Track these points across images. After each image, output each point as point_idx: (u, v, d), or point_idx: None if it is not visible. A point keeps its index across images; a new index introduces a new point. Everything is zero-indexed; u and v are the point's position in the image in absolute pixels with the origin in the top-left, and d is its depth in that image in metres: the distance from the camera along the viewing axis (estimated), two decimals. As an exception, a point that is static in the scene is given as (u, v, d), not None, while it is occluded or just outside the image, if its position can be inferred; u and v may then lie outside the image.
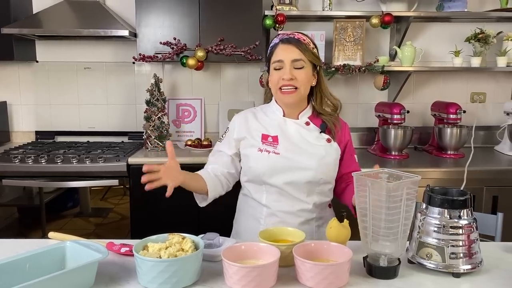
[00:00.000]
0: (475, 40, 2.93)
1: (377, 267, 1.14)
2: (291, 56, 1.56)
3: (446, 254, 1.13)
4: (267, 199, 1.62)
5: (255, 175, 1.61)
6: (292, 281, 1.13)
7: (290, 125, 1.65)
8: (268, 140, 1.62)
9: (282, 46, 1.59)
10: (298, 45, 1.57)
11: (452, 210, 1.15)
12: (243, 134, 1.66)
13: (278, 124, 1.66)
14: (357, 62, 2.91)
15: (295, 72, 1.56)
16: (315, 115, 1.69)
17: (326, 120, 1.66)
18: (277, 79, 1.59)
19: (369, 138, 3.14)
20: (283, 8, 2.84)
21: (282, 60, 1.57)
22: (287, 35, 1.62)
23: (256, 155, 1.61)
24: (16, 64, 3.13)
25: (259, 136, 1.63)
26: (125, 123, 3.19)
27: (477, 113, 3.14)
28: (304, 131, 1.64)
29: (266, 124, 1.67)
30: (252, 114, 1.72)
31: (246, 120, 1.69)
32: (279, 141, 1.61)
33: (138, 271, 1.09)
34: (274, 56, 1.61)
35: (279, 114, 1.67)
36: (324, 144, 1.63)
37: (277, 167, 1.58)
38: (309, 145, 1.62)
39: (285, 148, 1.60)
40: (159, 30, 2.81)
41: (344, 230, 1.24)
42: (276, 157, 1.58)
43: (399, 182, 1.10)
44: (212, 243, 1.27)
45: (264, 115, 1.70)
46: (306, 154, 1.59)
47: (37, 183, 2.62)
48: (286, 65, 1.57)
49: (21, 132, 3.21)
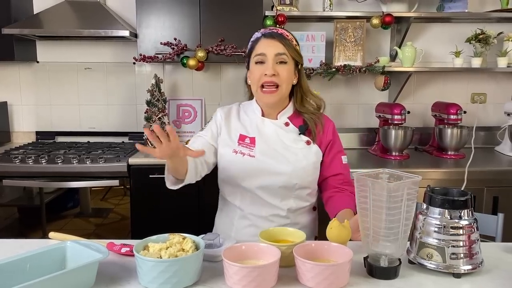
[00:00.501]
0: (475, 41, 2.93)
1: (377, 268, 1.14)
2: (274, 50, 1.50)
3: (447, 254, 1.13)
4: (241, 201, 1.58)
5: (228, 177, 1.57)
6: (293, 281, 1.12)
7: (268, 126, 1.59)
8: (245, 141, 1.57)
9: (264, 40, 1.53)
10: (281, 40, 1.52)
11: (452, 211, 1.15)
12: (223, 130, 1.60)
13: (256, 124, 1.60)
14: (357, 63, 2.91)
15: (278, 68, 1.50)
16: (297, 114, 1.62)
17: (307, 119, 1.59)
18: (258, 75, 1.51)
19: (370, 138, 3.14)
20: (283, 9, 2.84)
21: (265, 54, 1.50)
22: (270, 30, 1.57)
23: (230, 156, 1.56)
24: (16, 65, 3.14)
25: (237, 136, 1.58)
26: (125, 124, 3.19)
27: (477, 113, 3.14)
28: (282, 132, 1.58)
29: (246, 123, 1.62)
30: (236, 111, 1.67)
31: (229, 116, 1.64)
32: (256, 143, 1.56)
33: (138, 271, 1.09)
34: (255, 50, 1.54)
35: (258, 113, 1.62)
36: (303, 147, 1.56)
37: (250, 171, 1.53)
38: (285, 148, 1.55)
39: (261, 151, 1.54)
40: (159, 30, 2.81)
41: (345, 230, 1.23)
42: (251, 160, 1.53)
43: (399, 183, 1.10)
44: (212, 243, 1.27)
45: (245, 114, 1.65)
46: (282, 157, 1.53)
47: (37, 183, 2.62)
48: (269, 59, 1.50)
49: (21, 132, 3.21)
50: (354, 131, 3.18)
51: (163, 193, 2.61)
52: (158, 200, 2.65)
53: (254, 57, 1.54)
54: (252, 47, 1.57)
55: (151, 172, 2.63)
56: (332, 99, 3.17)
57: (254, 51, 1.55)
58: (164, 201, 2.62)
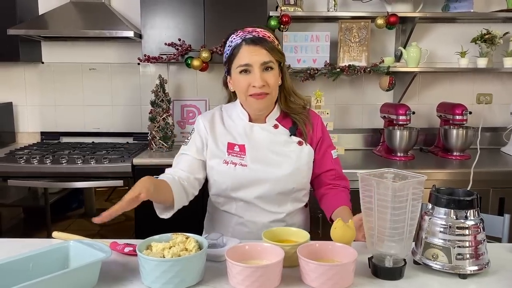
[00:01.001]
0: (481, 41, 2.91)
1: (382, 268, 1.13)
2: (260, 59, 1.40)
3: (453, 255, 1.12)
4: (236, 210, 1.52)
5: (221, 190, 1.50)
6: (297, 281, 1.12)
7: (257, 131, 1.52)
8: (234, 149, 1.49)
9: (247, 47, 1.40)
10: (265, 45, 1.41)
11: (458, 211, 1.13)
12: (209, 140, 1.51)
13: (244, 130, 1.52)
14: (362, 63, 2.90)
15: (265, 76, 1.41)
16: (284, 115, 1.55)
17: (296, 120, 1.53)
18: (246, 85, 1.42)
19: (374, 139, 3.13)
20: (288, 9, 2.83)
21: (251, 64, 1.40)
22: (250, 33, 1.42)
23: (221, 167, 1.48)
24: (21, 65, 3.15)
25: (225, 145, 1.50)
26: (130, 124, 3.20)
27: (483, 114, 3.12)
28: (272, 136, 1.51)
29: (232, 130, 1.53)
30: (219, 116, 1.57)
31: (213, 124, 1.54)
32: (246, 151, 1.48)
33: (141, 270, 1.09)
34: (238, 59, 1.42)
35: (245, 119, 1.53)
36: (295, 149, 1.51)
37: (244, 182, 1.46)
38: (278, 152, 1.49)
39: (253, 158, 1.47)
40: (164, 31, 2.82)
41: (349, 230, 1.22)
42: (243, 170, 1.46)
43: (404, 182, 1.09)
44: (215, 243, 1.26)
45: (229, 119, 1.56)
46: (275, 163, 1.48)
47: (42, 183, 2.63)
48: (255, 69, 1.40)
49: (26, 133, 3.23)
50: (359, 132, 3.16)
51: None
52: (162, 201, 2.64)
53: (238, 67, 1.42)
54: (232, 54, 1.43)
55: (156, 172, 2.58)
56: (337, 100, 3.16)
57: (236, 60, 1.42)
58: (168, 201, 2.61)
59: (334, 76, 2.87)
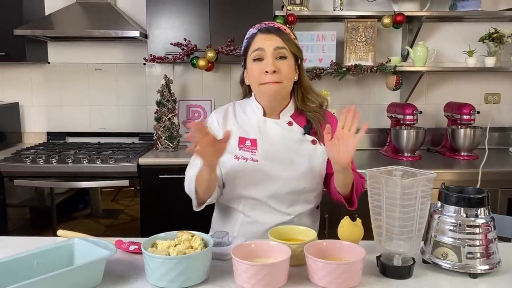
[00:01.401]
0: (489, 40, 2.88)
1: (391, 267, 1.11)
2: (273, 44, 1.40)
3: (463, 253, 1.09)
4: (244, 207, 1.48)
5: (231, 185, 1.48)
6: (303, 280, 1.10)
7: (270, 126, 1.49)
8: (245, 144, 1.46)
9: (261, 35, 1.42)
10: (279, 34, 1.42)
11: (468, 209, 1.11)
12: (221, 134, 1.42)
13: (257, 125, 1.49)
14: (368, 62, 2.88)
15: (278, 63, 1.40)
16: (299, 113, 1.52)
17: (310, 118, 1.50)
18: (258, 72, 1.41)
19: (381, 139, 3.11)
20: (293, 8, 2.82)
21: (263, 49, 1.40)
22: (266, 24, 1.46)
23: (231, 163, 1.45)
24: (28, 66, 3.16)
25: (236, 140, 1.47)
26: (135, 124, 3.20)
27: (491, 114, 3.08)
28: (286, 133, 1.48)
29: (244, 124, 1.51)
30: (232, 111, 1.55)
31: (226, 119, 1.53)
32: (258, 146, 1.46)
33: (146, 268, 1.08)
34: (252, 45, 1.43)
35: (259, 113, 1.50)
36: (308, 148, 1.47)
37: (255, 179, 1.44)
38: (291, 150, 1.46)
39: (264, 154, 1.44)
40: (169, 31, 2.81)
41: (357, 229, 1.21)
42: (254, 165, 1.44)
43: (414, 179, 1.07)
44: (221, 242, 1.25)
45: (243, 114, 1.54)
46: (288, 161, 1.45)
47: (48, 183, 2.63)
48: (268, 54, 1.39)
49: (32, 133, 3.23)
50: (365, 132, 3.12)
51: (173, 193, 2.62)
52: (168, 200, 2.64)
53: (252, 54, 1.42)
54: (248, 44, 1.46)
55: (161, 172, 2.63)
56: (343, 100, 3.14)
57: (250, 48, 1.44)
58: (174, 201, 2.60)
59: (340, 75, 2.85)
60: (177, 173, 2.59)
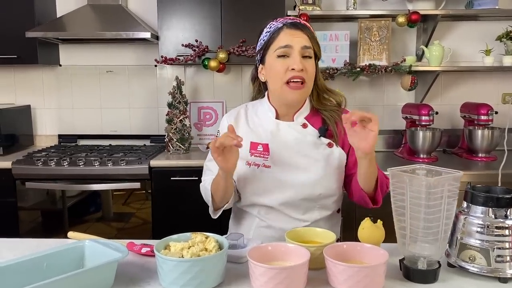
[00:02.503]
0: (507, 39, 2.82)
1: (415, 270, 1.05)
2: (301, 42, 1.33)
3: (492, 257, 1.04)
4: (259, 213, 1.43)
5: (244, 192, 1.42)
6: (323, 284, 1.05)
7: (283, 130, 1.41)
8: (257, 149, 1.40)
9: (288, 30, 1.34)
10: (306, 31, 1.35)
11: (497, 209, 1.06)
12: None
13: (270, 128, 1.42)
14: (383, 62, 2.82)
15: (304, 63, 1.33)
16: (314, 113, 1.45)
17: (326, 118, 1.42)
18: (283, 69, 1.33)
19: (396, 140, 3.05)
20: (306, 8, 2.78)
21: (291, 46, 1.32)
22: (292, 19, 1.38)
23: (244, 169, 1.39)
24: (40, 68, 3.16)
25: (248, 146, 1.40)
26: (147, 126, 3.18)
27: (509, 114, 3.00)
28: (300, 136, 1.41)
29: (256, 128, 1.44)
30: (244, 115, 1.48)
31: (237, 123, 1.46)
32: (270, 151, 1.39)
33: (159, 271, 1.04)
34: (277, 41, 1.35)
35: (272, 115, 1.43)
36: (324, 151, 1.39)
37: (267, 186, 1.38)
38: (305, 154, 1.39)
39: (277, 159, 1.37)
40: (180, 32, 2.79)
41: (378, 231, 1.15)
42: (267, 172, 1.38)
43: (440, 178, 1.01)
44: (236, 244, 1.20)
45: (255, 116, 1.46)
46: (302, 166, 1.38)
47: (59, 185, 2.62)
48: (295, 52, 1.32)
49: (44, 135, 3.23)
50: (380, 133, 2.99)
51: (184, 195, 2.59)
52: (180, 202, 2.61)
53: (277, 50, 1.34)
54: (271, 38, 1.36)
55: (173, 174, 2.60)
56: (356, 101, 3.09)
57: (275, 43, 1.35)
58: (186, 203, 2.57)
59: (354, 75, 2.80)
60: (188, 175, 2.56)
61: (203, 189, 1.47)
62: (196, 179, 2.51)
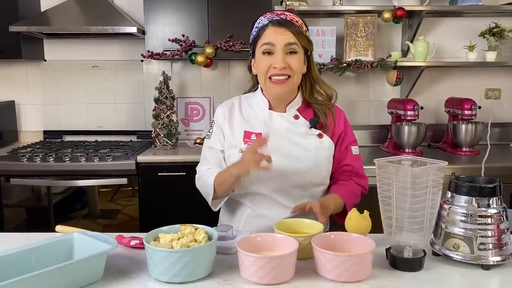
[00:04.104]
0: (490, 35, 2.86)
1: (401, 259, 1.07)
2: (284, 39, 1.37)
3: (475, 245, 1.06)
4: (251, 201, 1.47)
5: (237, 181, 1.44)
6: (311, 273, 1.07)
7: (276, 120, 1.47)
8: (251, 138, 1.45)
9: (272, 28, 1.39)
10: (291, 28, 1.38)
11: (480, 198, 1.08)
12: (226, 129, 1.49)
13: (263, 119, 1.48)
14: (369, 58, 2.85)
15: (288, 59, 1.38)
16: (306, 106, 1.51)
17: (317, 110, 1.48)
18: (266, 66, 1.39)
19: (382, 135, 3.08)
20: (292, 4, 2.79)
21: (274, 44, 1.37)
22: (277, 15, 1.41)
23: (237, 157, 1.42)
24: (24, 63, 3.11)
25: (241, 135, 1.47)
26: (133, 122, 3.16)
27: (492, 109, 3.06)
28: (291, 127, 1.47)
29: (250, 118, 1.50)
30: (238, 105, 1.54)
31: (231, 113, 1.51)
32: None
33: (149, 262, 1.04)
34: (262, 38, 1.40)
35: (265, 106, 1.49)
36: (315, 141, 1.46)
37: (260, 174, 1.38)
38: (297, 144, 1.45)
39: (270, 148, 1.37)
40: (167, 27, 2.78)
41: (365, 221, 1.17)
42: None
43: (425, 167, 1.04)
44: (225, 236, 1.21)
45: (249, 107, 1.52)
46: (294, 155, 1.43)
47: (45, 182, 2.59)
48: (278, 50, 1.37)
49: (29, 131, 3.19)
50: (366, 128, 3.11)
51: (172, 190, 2.59)
52: (167, 198, 2.60)
53: (261, 46, 1.40)
54: (258, 35, 1.42)
55: (160, 170, 2.59)
56: (343, 96, 3.09)
57: (261, 39, 1.41)
58: (173, 198, 2.57)
59: (341, 71, 2.82)
60: (176, 171, 2.56)
61: (202, 182, 1.48)
62: (183, 174, 2.50)
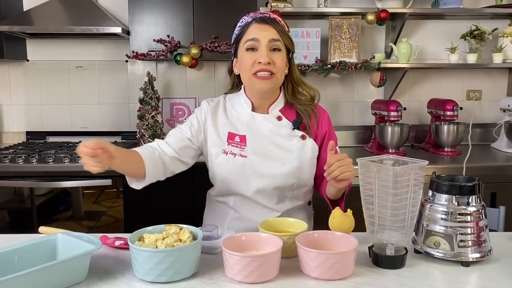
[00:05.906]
0: (470, 37, 2.92)
1: (383, 257, 1.09)
2: (268, 35, 1.37)
3: (455, 242, 1.09)
4: (234, 203, 1.48)
5: (220, 181, 1.47)
6: (295, 272, 1.08)
7: (259, 122, 1.47)
8: (235, 140, 1.45)
9: (256, 25, 1.39)
10: (275, 25, 1.39)
11: (460, 197, 1.11)
12: (210, 129, 1.48)
13: (246, 120, 1.48)
14: (353, 59, 2.88)
15: (272, 55, 1.37)
16: (289, 106, 1.50)
17: (300, 112, 1.48)
18: (251, 62, 1.38)
19: (366, 136, 3.11)
20: (278, 5, 2.80)
21: (258, 39, 1.37)
22: (261, 13, 1.43)
23: (220, 158, 1.44)
24: (6, 63, 3.07)
25: (225, 135, 1.46)
26: (118, 123, 3.13)
27: (473, 110, 3.12)
28: (275, 128, 1.46)
29: (234, 119, 1.49)
30: (222, 105, 1.53)
31: (215, 112, 1.50)
32: (247, 142, 1.44)
33: (133, 262, 1.04)
34: (246, 35, 1.40)
35: (247, 107, 1.48)
36: (297, 143, 1.45)
37: (243, 174, 1.42)
38: (279, 145, 1.45)
39: (253, 150, 1.42)
40: (152, 27, 2.77)
41: (348, 220, 1.19)
42: (242, 161, 1.42)
43: (406, 166, 1.06)
44: (210, 235, 1.22)
45: (232, 109, 1.51)
46: (276, 157, 1.43)
47: (28, 183, 2.55)
48: (262, 45, 1.37)
49: (11, 132, 3.14)
50: (350, 129, 3.14)
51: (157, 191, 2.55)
52: (152, 199, 2.58)
53: (245, 43, 1.39)
54: (241, 32, 1.42)
55: (145, 170, 2.57)
56: (327, 97, 3.14)
57: (244, 37, 1.40)
58: (158, 199, 2.56)
59: (325, 72, 2.85)
60: (161, 171, 2.55)
61: None
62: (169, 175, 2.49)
